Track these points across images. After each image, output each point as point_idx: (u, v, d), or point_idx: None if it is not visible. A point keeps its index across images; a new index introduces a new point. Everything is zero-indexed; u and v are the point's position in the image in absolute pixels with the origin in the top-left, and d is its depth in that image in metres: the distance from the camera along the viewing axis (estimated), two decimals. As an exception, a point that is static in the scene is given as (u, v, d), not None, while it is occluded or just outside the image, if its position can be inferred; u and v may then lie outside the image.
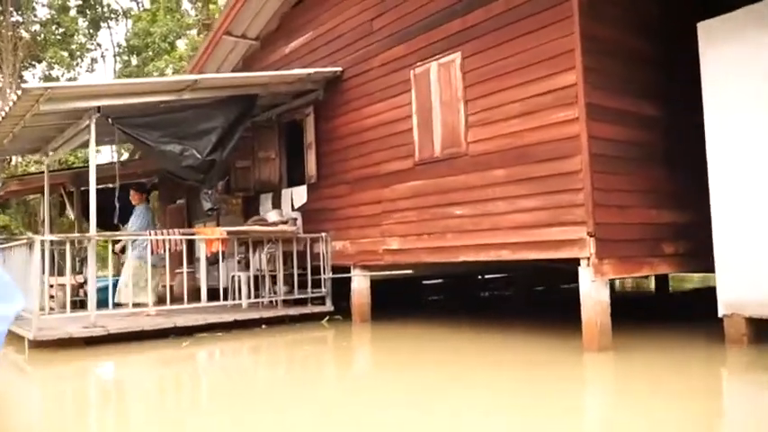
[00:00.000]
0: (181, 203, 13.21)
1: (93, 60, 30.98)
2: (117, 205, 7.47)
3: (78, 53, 28.42)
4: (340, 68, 8.82)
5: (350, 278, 8.72)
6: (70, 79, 27.46)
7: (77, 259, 10.38)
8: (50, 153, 9.53)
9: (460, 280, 13.10)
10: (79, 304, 10.20)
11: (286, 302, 8.91)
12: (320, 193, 9.24)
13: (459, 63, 7.06)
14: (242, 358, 6.97)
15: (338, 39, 9.00)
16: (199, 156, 7.75)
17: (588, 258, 5.77)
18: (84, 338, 7.06)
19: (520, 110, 6.43)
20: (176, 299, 8.29)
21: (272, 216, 8.96)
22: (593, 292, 5.76)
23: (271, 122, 10.09)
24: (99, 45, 31.12)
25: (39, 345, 6.94)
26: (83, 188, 11.24)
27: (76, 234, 7.25)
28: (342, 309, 8.98)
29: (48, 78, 26.74)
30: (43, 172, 9.99)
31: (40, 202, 25.01)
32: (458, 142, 7.06)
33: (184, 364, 6.55)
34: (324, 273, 8.93)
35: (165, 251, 7.66)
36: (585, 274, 5.80)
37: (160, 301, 10.38)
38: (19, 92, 6.61)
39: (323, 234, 8.91)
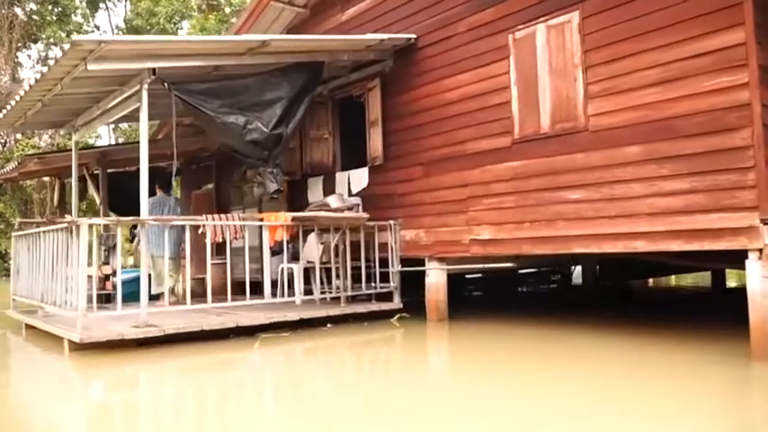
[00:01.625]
0: (208, 189, 12.15)
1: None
2: (174, 183, 6.40)
3: (76, 33, 27.01)
4: (414, 35, 7.81)
5: (423, 272, 7.75)
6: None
7: (103, 248, 9.30)
8: (79, 128, 8.43)
9: (502, 275, 12.09)
10: (105, 299, 9.16)
11: (348, 299, 7.89)
12: (386, 177, 8.24)
13: (578, 24, 6.09)
14: (319, 362, 5.99)
15: (409, 3, 7.98)
16: (265, 129, 6.71)
17: (761, 250, 4.84)
18: (136, 340, 6.04)
19: (660, 76, 5.48)
20: (204, 294, 7.10)
21: (334, 202, 7.94)
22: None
23: (323, 98, 9.06)
24: (97, 27, 29.73)
25: (81, 347, 5.90)
26: (110, 170, 10.14)
27: (131, 218, 6.19)
28: (409, 306, 8.01)
29: (45, 61, 25.36)
30: (63, 150, 8.86)
31: (40, 188, 23.74)
32: (574, 116, 6.10)
33: (259, 371, 5.55)
34: (392, 265, 7.95)
35: (225, 238, 6.63)
36: (755, 270, 4.87)
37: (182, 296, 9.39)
38: (66, 46, 5.54)
39: (391, 222, 7.92)
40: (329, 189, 9.06)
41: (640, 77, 5.62)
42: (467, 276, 12.31)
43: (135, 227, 6.91)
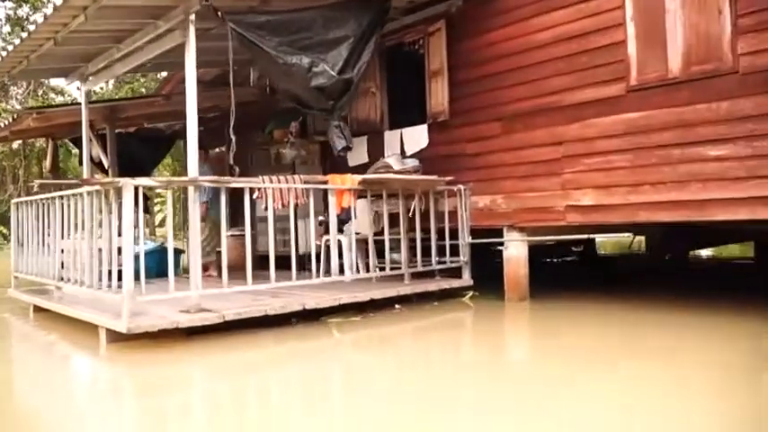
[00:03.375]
0: (222, 151, 10.90)
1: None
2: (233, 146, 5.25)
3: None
4: (492, -34, 6.69)
5: (493, 244, 6.76)
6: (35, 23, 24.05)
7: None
8: (90, 76, 7.15)
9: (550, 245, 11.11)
10: (119, 275, 7.93)
11: (411, 276, 6.82)
12: (451, 135, 7.15)
13: (723, -57, 5.05)
14: (406, 352, 5.00)
15: (482, -72, 6.83)
16: (332, 72, 5.56)
17: None
18: (189, 328, 4.93)
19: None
20: (232, 268, 5.89)
21: (396, 163, 6.85)
22: None
23: (369, 46, 7.88)
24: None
25: (121, 338, 4.78)
26: (120, 129, 8.84)
27: (182, 178, 5.02)
28: (477, 282, 7.02)
29: (15, 20, 23.28)
30: (68, 104, 7.57)
31: (12, 155, 21.99)
32: (717, 55, 5.09)
33: (345, 364, 4.49)
34: (462, 237, 6.91)
35: (286, 204, 5.51)
36: None
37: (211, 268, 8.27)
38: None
39: (460, 187, 6.86)
40: (376, 150, 7.95)
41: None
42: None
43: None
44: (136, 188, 4.63)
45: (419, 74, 7.72)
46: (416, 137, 7.46)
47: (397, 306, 6.35)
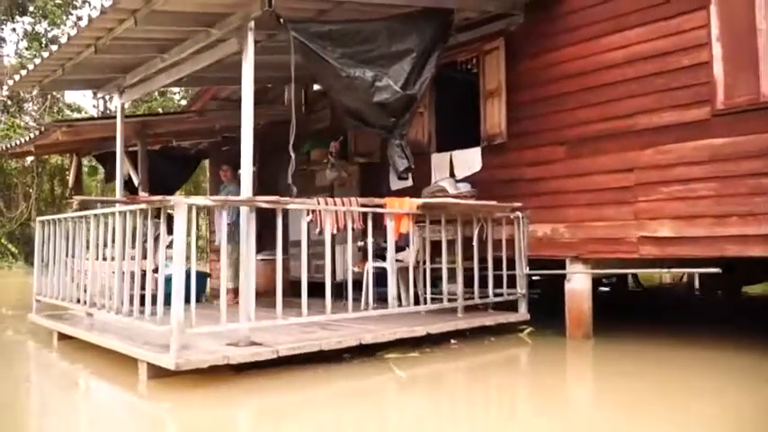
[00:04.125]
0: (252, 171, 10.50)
1: (79, 19, 27.38)
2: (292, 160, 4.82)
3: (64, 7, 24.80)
4: (558, -18, 6.34)
5: (559, 276, 6.29)
6: (53, 39, 23.86)
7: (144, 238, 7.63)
8: (127, 88, 6.77)
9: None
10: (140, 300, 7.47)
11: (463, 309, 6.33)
12: (508, 158, 6.74)
13: (829, -42, 4.67)
14: (476, 393, 4.52)
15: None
16: (396, 88, 5.16)
17: None
18: (238, 365, 4.45)
19: None
20: (261, 294, 5.36)
21: (450, 187, 6.43)
22: None
23: (417, 65, 7.50)
24: (88, 2, 27.50)
25: (162, 374, 4.31)
26: (152, 144, 8.44)
27: (239, 198, 4.59)
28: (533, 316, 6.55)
29: (32, 35, 23.12)
30: (101, 117, 7.19)
31: (26, 172, 21.63)
32: (821, 78, 4.69)
33: (416, 406, 4.00)
34: (520, 267, 6.45)
35: (342, 228, 5.07)
36: None
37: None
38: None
39: (518, 214, 6.42)
40: (421, 174, 7.51)
41: None
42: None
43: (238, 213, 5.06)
44: (189, 207, 4.19)
45: (468, 94, 7.36)
46: (468, 160, 7.05)
47: (452, 341, 5.87)
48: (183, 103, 22.67)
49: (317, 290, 5.36)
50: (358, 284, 5.94)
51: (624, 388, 4.46)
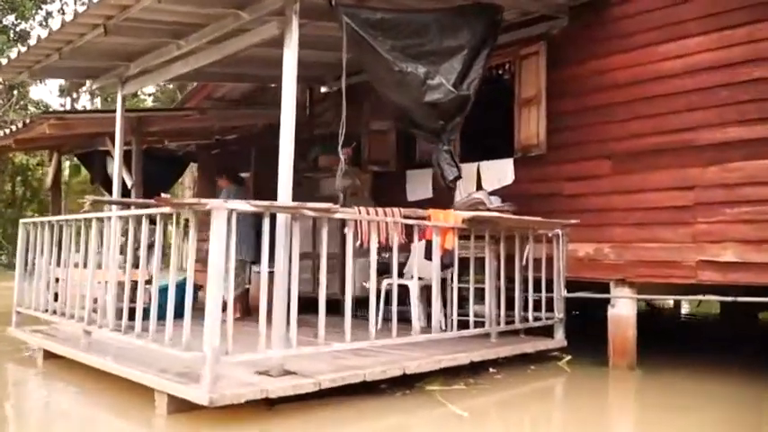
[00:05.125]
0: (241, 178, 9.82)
1: (49, 14, 26.16)
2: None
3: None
4: (608, -15, 5.92)
5: (601, 300, 5.82)
6: (21, 33, 22.63)
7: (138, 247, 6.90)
8: (130, 79, 6.08)
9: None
10: (130, 313, 6.70)
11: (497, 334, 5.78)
12: (545, 172, 6.26)
13: None
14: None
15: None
16: (450, 87, 4.62)
17: None
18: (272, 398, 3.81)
19: None
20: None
21: (488, 199, 5.90)
22: None
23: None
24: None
25: (185, 407, 3.66)
26: (152, 139, 7.69)
27: (284, 203, 3.96)
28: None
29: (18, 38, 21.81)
30: (97, 111, 6.49)
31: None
32: None
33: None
34: (558, 289, 5.95)
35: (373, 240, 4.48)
36: None
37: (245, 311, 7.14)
38: None
39: (558, 231, 5.93)
40: (442, 185, 7.00)
41: None
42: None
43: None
44: (229, 213, 3.56)
45: (495, 101, 6.88)
46: (499, 172, 6.55)
47: (491, 369, 5.32)
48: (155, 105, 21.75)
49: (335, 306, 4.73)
50: (364, 302, 5.31)
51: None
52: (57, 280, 5.55)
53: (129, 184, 7.13)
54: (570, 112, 6.12)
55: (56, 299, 5.47)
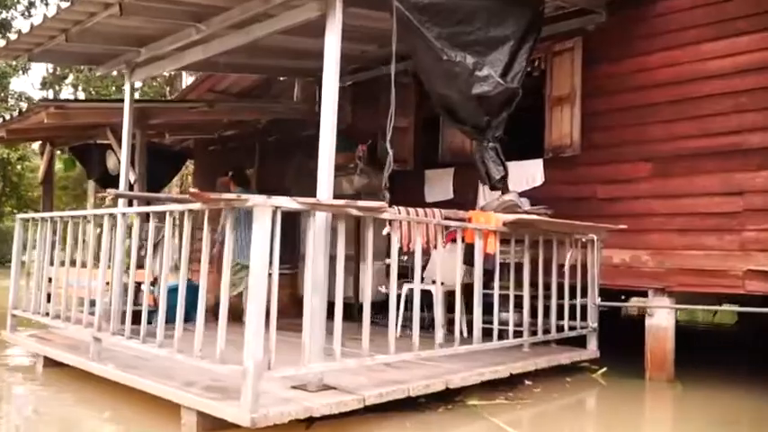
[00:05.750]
0: (248, 179, 9.40)
1: (32, 4, 25.41)
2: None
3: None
4: (652, -21, 5.64)
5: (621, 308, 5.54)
6: (2, 23, 21.87)
7: (143, 246, 6.48)
8: (141, 65, 5.67)
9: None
10: (134, 316, 6.24)
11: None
12: (578, 173, 5.98)
13: None
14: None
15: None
16: (498, 79, 4.29)
17: None
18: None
19: None
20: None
21: (518, 201, 5.59)
22: None
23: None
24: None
25: (216, 426, 3.28)
26: (152, 133, 7.25)
27: (336, 201, 3.60)
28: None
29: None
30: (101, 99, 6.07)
31: None
32: None
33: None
34: (592, 298, 5.65)
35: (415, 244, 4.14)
36: None
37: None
38: None
39: (593, 237, 5.64)
40: (464, 185, 6.72)
41: None
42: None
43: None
44: (274, 211, 3.19)
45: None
46: (527, 173, 6.25)
47: (526, 382, 5.00)
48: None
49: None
50: (377, 307, 4.93)
51: None
52: (50, 280, 5.15)
53: (132, 179, 6.69)
54: (605, 112, 5.84)
55: (48, 300, 5.06)
